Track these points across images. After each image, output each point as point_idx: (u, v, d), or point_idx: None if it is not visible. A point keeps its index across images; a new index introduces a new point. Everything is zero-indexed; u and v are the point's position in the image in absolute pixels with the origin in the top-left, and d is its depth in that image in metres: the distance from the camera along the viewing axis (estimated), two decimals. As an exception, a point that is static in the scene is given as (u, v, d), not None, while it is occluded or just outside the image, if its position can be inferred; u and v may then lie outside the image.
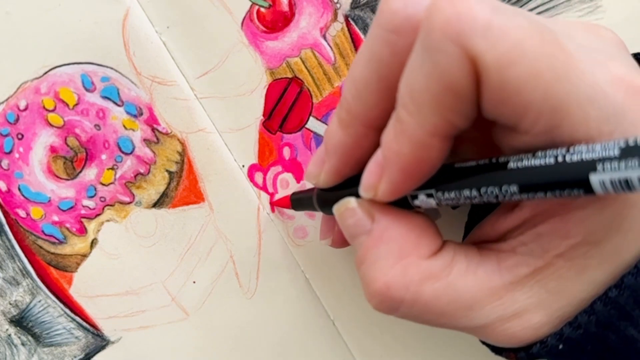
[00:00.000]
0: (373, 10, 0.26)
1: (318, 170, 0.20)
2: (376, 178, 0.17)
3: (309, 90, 0.26)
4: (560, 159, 0.14)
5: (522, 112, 0.14)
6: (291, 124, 0.26)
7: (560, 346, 0.17)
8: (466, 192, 0.16)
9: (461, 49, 0.14)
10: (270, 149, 0.26)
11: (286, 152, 0.26)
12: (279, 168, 0.27)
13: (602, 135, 0.15)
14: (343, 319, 0.28)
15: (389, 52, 0.16)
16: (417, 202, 0.18)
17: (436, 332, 0.28)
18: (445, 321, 0.18)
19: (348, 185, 0.20)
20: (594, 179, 0.13)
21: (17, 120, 0.26)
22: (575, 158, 0.14)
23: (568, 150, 0.14)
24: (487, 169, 0.16)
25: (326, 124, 0.26)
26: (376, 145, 0.18)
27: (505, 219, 0.18)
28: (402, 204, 0.18)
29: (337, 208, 0.20)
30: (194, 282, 0.27)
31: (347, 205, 0.19)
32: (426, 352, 0.28)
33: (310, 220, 0.27)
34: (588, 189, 0.14)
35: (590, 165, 0.13)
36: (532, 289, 0.17)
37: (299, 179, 0.27)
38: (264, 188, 0.27)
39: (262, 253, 0.27)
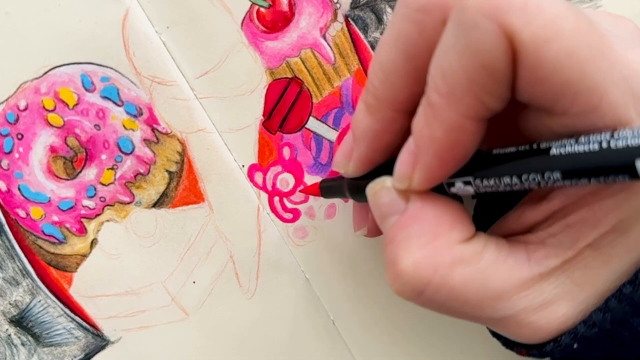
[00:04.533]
0: (373, 10, 0.26)
1: (346, 160, 0.20)
2: (410, 167, 0.17)
3: (308, 90, 0.26)
4: (604, 145, 0.14)
5: (560, 92, 0.14)
6: (291, 124, 0.26)
7: (575, 345, 0.17)
8: (506, 179, 0.16)
9: (498, 25, 0.14)
10: (270, 149, 0.26)
11: (286, 152, 0.26)
12: (278, 168, 0.27)
13: None
14: (343, 319, 0.28)
15: (417, 32, 0.16)
16: (453, 190, 0.17)
17: (436, 332, 0.28)
18: (469, 310, 0.17)
19: (379, 173, 0.19)
20: None
21: (17, 120, 0.26)
22: (620, 144, 0.14)
23: (612, 136, 0.14)
24: (528, 155, 0.15)
25: (326, 124, 0.26)
26: (406, 129, 0.18)
27: (533, 211, 0.17)
28: (438, 191, 0.18)
29: (371, 186, 0.19)
30: (194, 282, 0.27)
31: (383, 184, 0.19)
32: (426, 352, 0.28)
33: (310, 221, 0.27)
34: (634, 174, 0.14)
35: (637, 152, 0.13)
36: (558, 279, 0.17)
37: (298, 179, 0.27)
38: (263, 188, 0.27)
39: (262, 253, 0.27)
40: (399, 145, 0.18)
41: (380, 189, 0.19)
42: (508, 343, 0.19)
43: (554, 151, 0.15)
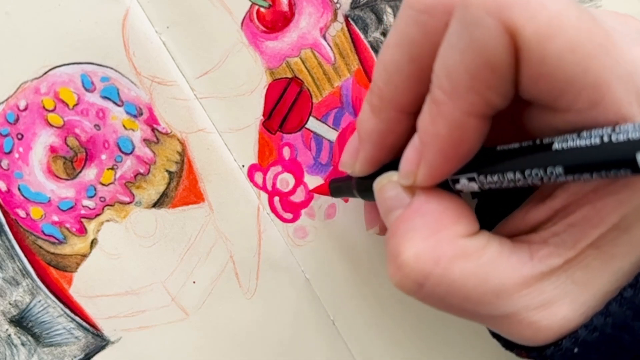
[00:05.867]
0: (373, 10, 0.26)
1: (352, 160, 0.20)
2: (414, 164, 0.17)
3: (308, 90, 0.26)
4: (606, 138, 0.14)
5: (563, 88, 0.14)
6: (291, 124, 0.26)
7: (576, 349, 0.16)
8: (510, 175, 0.16)
9: (500, 22, 0.14)
10: (270, 149, 0.26)
11: (286, 152, 0.26)
12: (278, 168, 0.27)
13: None
14: (343, 319, 0.28)
15: (421, 33, 0.16)
16: (458, 187, 0.17)
17: (436, 332, 0.28)
18: (469, 307, 0.17)
19: (386, 171, 0.19)
20: None
21: (17, 120, 0.26)
22: (621, 137, 0.14)
23: (614, 130, 0.14)
24: (531, 150, 0.16)
25: (326, 124, 0.26)
26: (410, 129, 0.18)
27: (537, 211, 0.17)
28: (443, 187, 0.18)
29: (378, 181, 0.19)
30: (194, 282, 0.27)
31: (389, 178, 0.19)
32: (426, 352, 0.28)
33: (310, 221, 0.27)
34: (635, 168, 0.13)
35: (638, 145, 0.13)
36: (559, 278, 0.17)
37: (298, 179, 0.27)
38: (263, 188, 0.27)
39: (262, 253, 0.27)
40: (404, 145, 0.18)
41: (387, 183, 0.19)
42: (508, 344, 0.19)
43: (556, 146, 0.15)
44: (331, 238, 0.27)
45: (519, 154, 0.16)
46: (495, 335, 0.20)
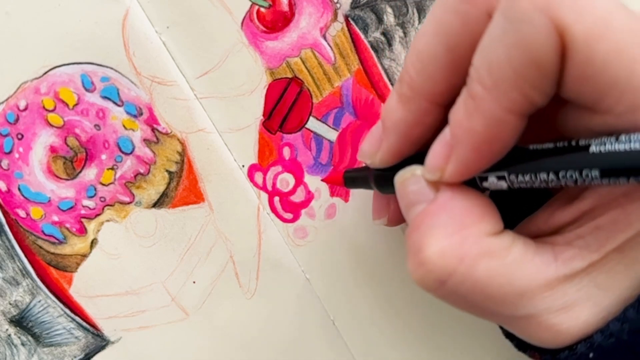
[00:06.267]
0: (373, 10, 0.26)
1: (374, 150, 0.20)
2: (443, 159, 0.17)
3: (309, 90, 0.26)
4: None
5: (606, 90, 0.14)
6: (291, 124, 0.26)
7: (591, 354, 0.16)
8: (543, 175, 0.16)
9: (549, 19, 0.13)
10: (270, 149, 0.26)
11: (286, 152, 0.26)
12: (278, 168, 0.27)
13: None
14: (343, 319, 0.28)
15: (460, 23, 0.16)
16: (485, 185, 0.17)
17: (437, 333, 0.28)
18: (490, 306, 0.17)
19: (407, 164, 0.19)
20: None
21: (17, 120, 0.26)
22: None
23: None
24: (566, 151, 0.15)
25: (326, 124, 0.26)
26: (438, 122, 0.17)
27: (563, 212, 0.17)
28: (468, 184, 0.17)
29: (401, 174, 0.19)
30: (194, 282, 0.27)
31: (412, 172, 0.18)
32: (426, 352, 0.28)
33: (310, 221, 0.27)
34: None
35: None
36: (581, 281, 0.16)
37: (298, 179, 0.27)
38: (263, 188, 0.27)
39: (262, 253, 0.27)
40: (429, 138, 0.18)
41: (411, 177, 0.18)
42: (521, 345, 0.19)
43: (593, 149, 0.15)
44: (331, 238, 0.27)
45: (553, 154, 0.16)
46: (508, 336, 0.20)
